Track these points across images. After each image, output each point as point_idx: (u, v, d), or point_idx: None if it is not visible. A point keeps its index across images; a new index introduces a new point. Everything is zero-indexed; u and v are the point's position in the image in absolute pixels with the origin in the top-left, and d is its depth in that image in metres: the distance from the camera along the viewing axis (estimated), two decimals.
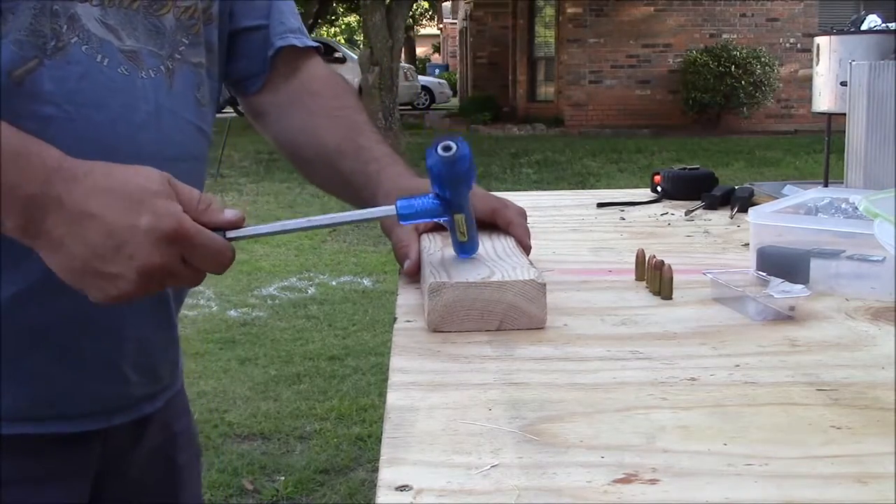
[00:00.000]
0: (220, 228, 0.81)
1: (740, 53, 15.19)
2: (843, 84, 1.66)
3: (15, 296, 0.88)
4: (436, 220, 0.91)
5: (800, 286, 0.92)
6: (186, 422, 1.16)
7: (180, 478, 1.14)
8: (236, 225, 0.82)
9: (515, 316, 0.86)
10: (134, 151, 0.88)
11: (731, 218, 1.49)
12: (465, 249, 0.95)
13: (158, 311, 1.02)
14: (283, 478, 3.09)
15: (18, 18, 0.85)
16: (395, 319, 0.91)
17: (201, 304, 5.27)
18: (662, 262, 0.99)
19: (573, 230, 1.44)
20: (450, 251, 0.97)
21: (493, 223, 1.05)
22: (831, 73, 2.50)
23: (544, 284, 0.86)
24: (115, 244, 0.76)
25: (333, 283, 5.84)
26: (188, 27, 1.01)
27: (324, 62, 1.20)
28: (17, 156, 0.75)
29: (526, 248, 1.01)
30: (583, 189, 5.31)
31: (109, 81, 0.90)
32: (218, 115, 0.91)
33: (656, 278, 0.99)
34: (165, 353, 1.07)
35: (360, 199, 1.12)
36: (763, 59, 15.18)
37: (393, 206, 0.89)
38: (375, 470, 0.55)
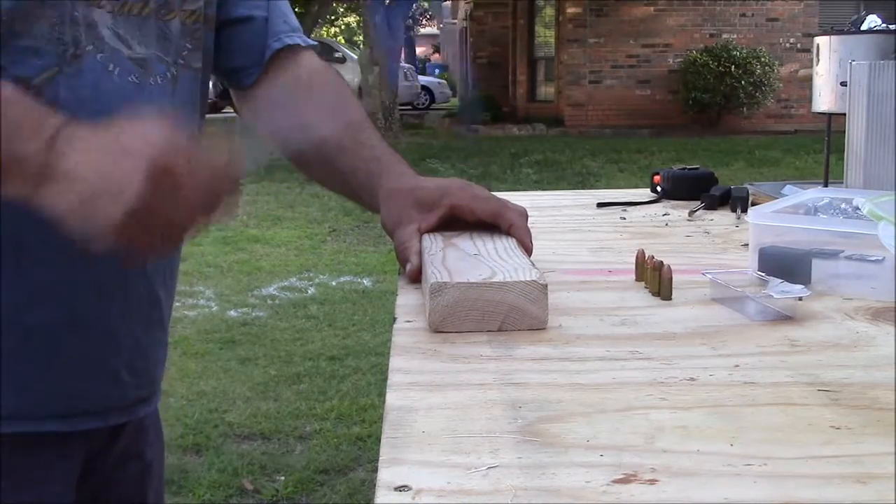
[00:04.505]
0: None
1: (740, 53, 15.18)
2: (843, 84, 1.66)
3: (11, 297, 0.88)
4: None
5: (800, 286, 0.92)
6: (154, 416, 1.17)
7: (148, 473, 1.14)
8: None
9: (517, 317, 0.86)
10: None
11: (739, 219, 1.48)
12: None
13: (151, 312, 1.03)
14: (283, 478, 3.09)
15: (36, 25, 0.85)
16: (394, 319, 0.91)
17: (201, 304, 5.27)
18: (662, 262, 0.99)
19: (573, 230, 1.44)
20: (451, 251, 0.97)
21: (495, 224, 1.05)
22: (831, 73, 2.49)
23: (546, 285, 0.86)
24: (121, 148, 0.75)
25: (333, 283, 5.84)
26: (192, 31, 1.01)
27: (318, 57, 1.19)
28: (32, 107, 0.78)
29: (527, 250, 1.01)
30: (583, 189, 5.30)
31: (119, 90, 0.92)
32: (218, 116, 0.92)
33: (656, 278, 0.99)
34: (157, 354, 1.07)
35: (359, 197, 1.12)
36: (763, 59, 15.17)
37: None
38: (375, 470, 0.55)
